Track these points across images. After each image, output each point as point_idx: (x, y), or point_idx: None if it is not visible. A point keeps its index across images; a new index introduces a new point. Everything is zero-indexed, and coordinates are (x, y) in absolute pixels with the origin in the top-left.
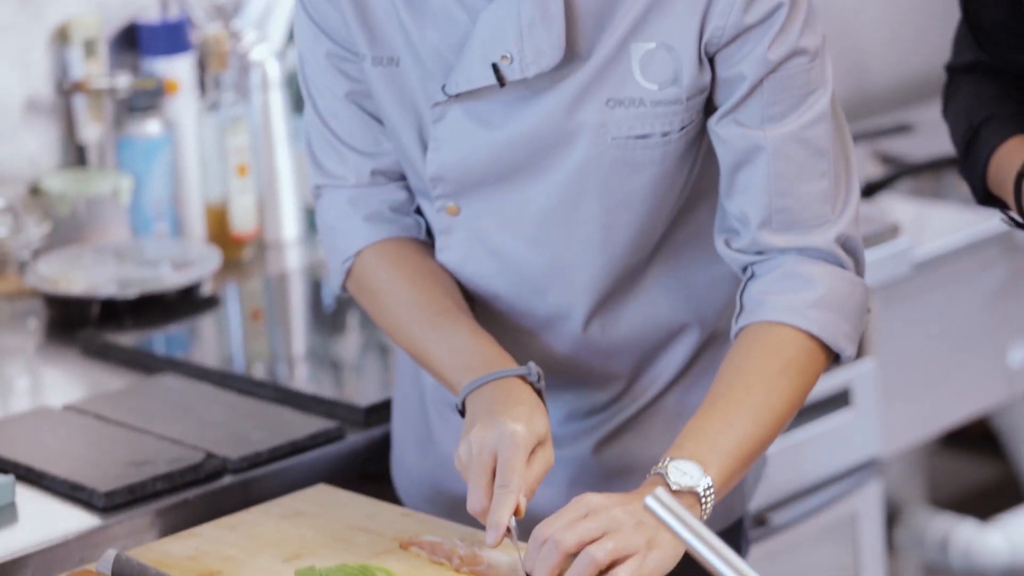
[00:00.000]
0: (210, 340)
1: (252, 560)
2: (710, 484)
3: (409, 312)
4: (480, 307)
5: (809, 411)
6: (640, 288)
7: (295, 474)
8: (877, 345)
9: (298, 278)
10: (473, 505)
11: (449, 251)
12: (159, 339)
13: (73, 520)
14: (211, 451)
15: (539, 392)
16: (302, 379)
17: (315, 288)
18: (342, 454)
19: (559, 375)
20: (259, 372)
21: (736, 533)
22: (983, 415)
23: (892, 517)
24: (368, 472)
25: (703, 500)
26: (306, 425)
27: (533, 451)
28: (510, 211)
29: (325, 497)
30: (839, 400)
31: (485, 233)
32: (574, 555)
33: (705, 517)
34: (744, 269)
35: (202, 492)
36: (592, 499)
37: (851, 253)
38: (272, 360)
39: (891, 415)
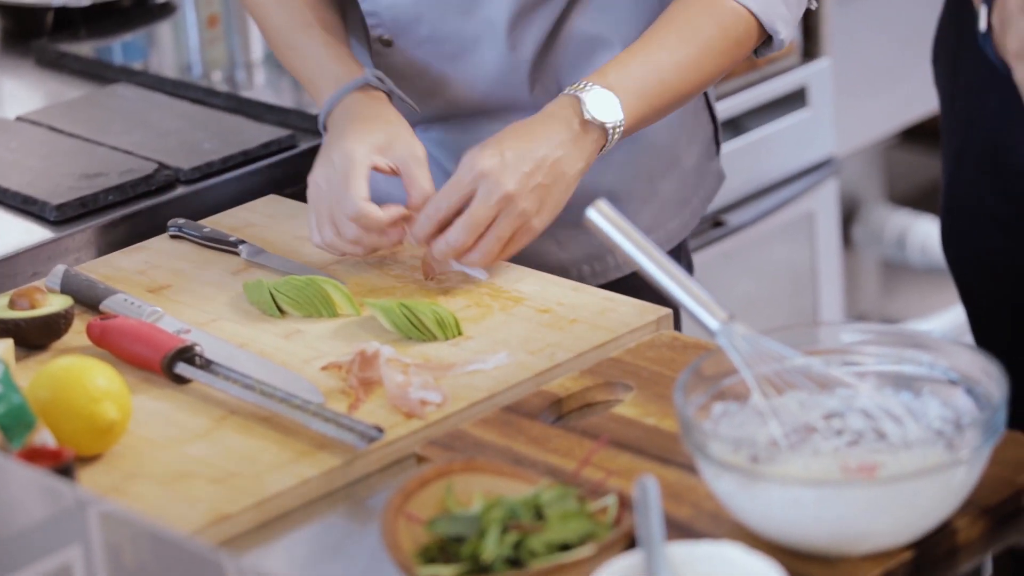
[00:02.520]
0: (166, 48)
1: (201, 273)
2: (621, 122)
3: (276, 30)
4: (408, 34)
5: (764, 111)
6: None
7: (247, 184)
8: (832, 43)
9: None
10: (323, 234)
11: None
12: (114, 48)
13: (25, 233)
14: (163, 162)
15: (388, 93)
16: (259, 87)
17: None
18: (294, 163)
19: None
20: (216, 80)
21: (676, 256)
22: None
23: (849, 214)
24: None
25: (609, 136)
26: (259, 134)
27: (394, 152)
28: None
29: (275, 208)
30: (795, 99)
31: None
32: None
33: (600, 152)
34: None
35: (154, 203)
36: (483, 164)
37: None
38: (229, 68)
39: (847, 113)
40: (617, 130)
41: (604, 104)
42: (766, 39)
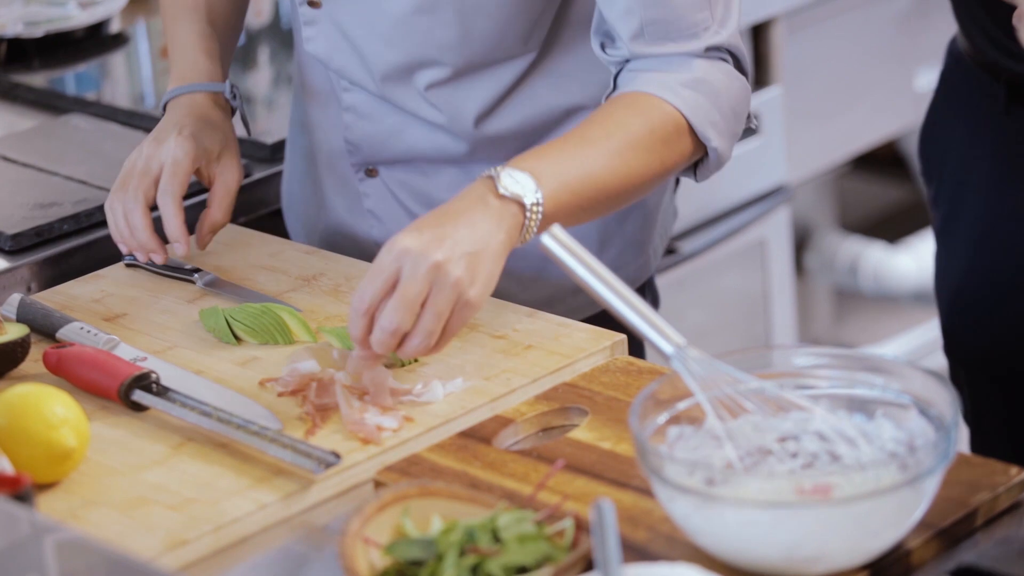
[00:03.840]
0: (119, 79)
1: (156, 301)
2: (540, 201)
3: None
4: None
5: None
6: (521, 79)
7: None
8: (783, 71)
9: None
10: (129, 200)
11: (314, 42)
12: (67, 79)
13: None
14: None
15: (235, 109)
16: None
17: None
18: (248, 191)
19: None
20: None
21: (642, 292)
22: (891, 138)
23: (801, 241)
24: (276, 210)
25: (528, 214)
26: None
27: (214, 172)
28: (367, 10)
29: (229, 236)
30: (746, 128)
31: (346, 28)
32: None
33: (524, 236)
34: (619, 74)
35: (108, 233)
36: (403, 243)
37: (736, 58)
38: None
39: (799, 141)
40: (536, 209)
41: (518, 182)
42: (703, 155)
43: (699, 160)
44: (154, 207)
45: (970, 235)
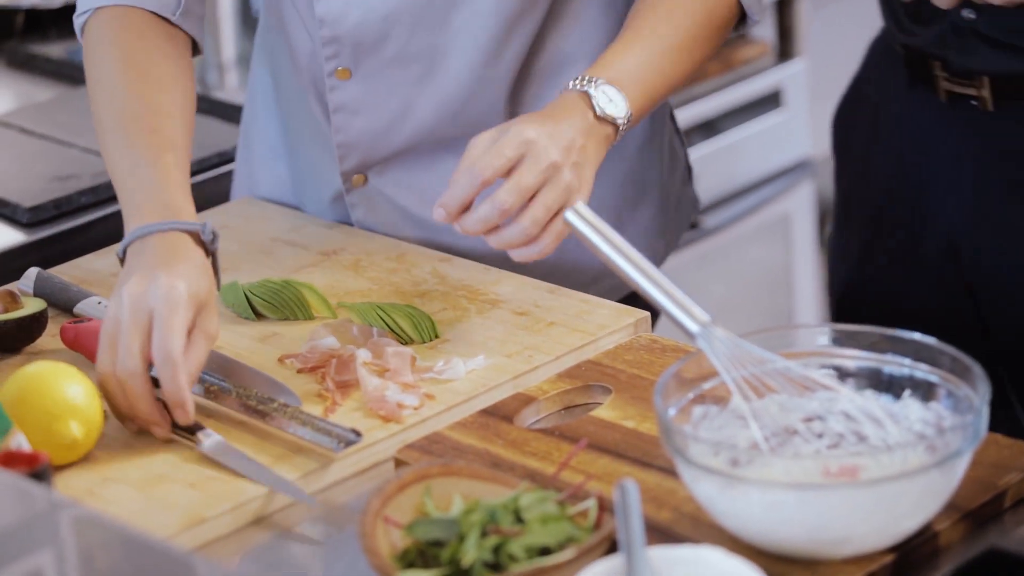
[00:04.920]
0: None
1: None
2: (630, 118)
3: (114, 114)
4: (371, 58)
5: (739, 112)
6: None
7: (222, 186)
8: (807, 45)
9: None
10: (126, 366)
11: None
12: None
13: None
14: None
15: (212, 254)
16: (231, 88)
17: None
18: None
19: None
20: None
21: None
22: None
23: (825, 216)
24: None
25: (620, 132)
26: (233, 136)
27: (195, 322)
28: None
29: (250, 210)
30: (770, 102)
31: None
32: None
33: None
34: None
35: None
36: (529, 133)
37: None
38: (201, 69)
39: (823, 115)
40: (625, 125)
41: (612, 100)
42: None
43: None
44: None
45: (866, 216)
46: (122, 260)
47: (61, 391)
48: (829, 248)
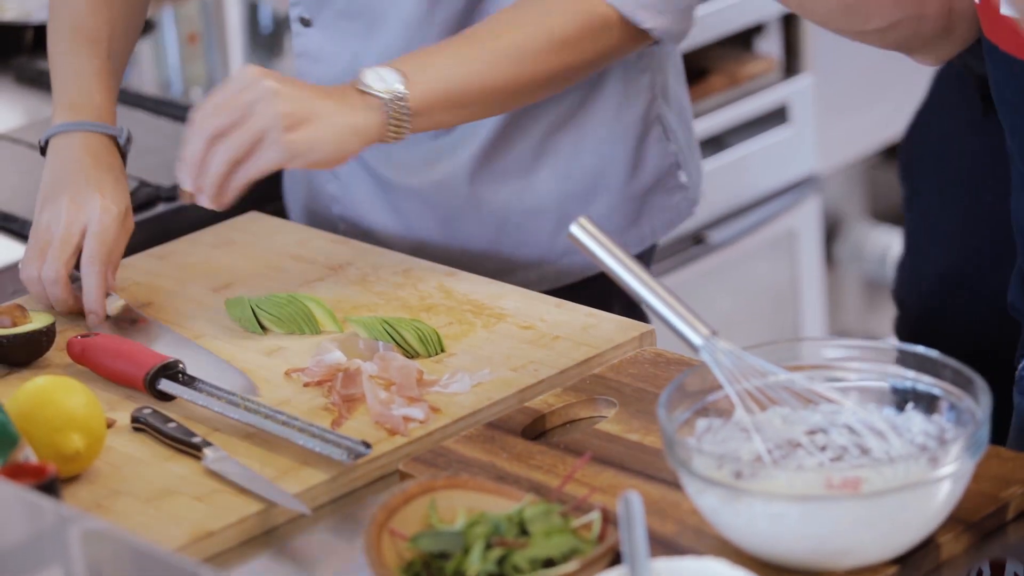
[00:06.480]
0: (147, 65)
1: (183, 291)
2: (402, 95)
3: (67, 24)
4: (324, 10)
5: (746, 128)
6: None
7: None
8: (814, 60)
9: None
10: (50, 274)
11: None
12: None
13: (5, 251)
14: (144, 179)
15: (124, 155)
16: None
17: (252, 10)
18: (275, 180)
19: None
20: (196, 97)
21: (643, 261)
22: None
23: (831, 232)
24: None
25: (387, 108)
26: None
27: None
28: None
29: (257, 225)
30: (776, 117)
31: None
32: None
33: (391, 132)
34: None
35: (135, 221)
36: (255, 69)
37: None
38: (209, 84)
39: (829, 130)
40: (398, 104)
41: (382, 78)
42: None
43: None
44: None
45: (943, 239)
46: (43, 149)
47: (63, 403)
48: (899, 273)
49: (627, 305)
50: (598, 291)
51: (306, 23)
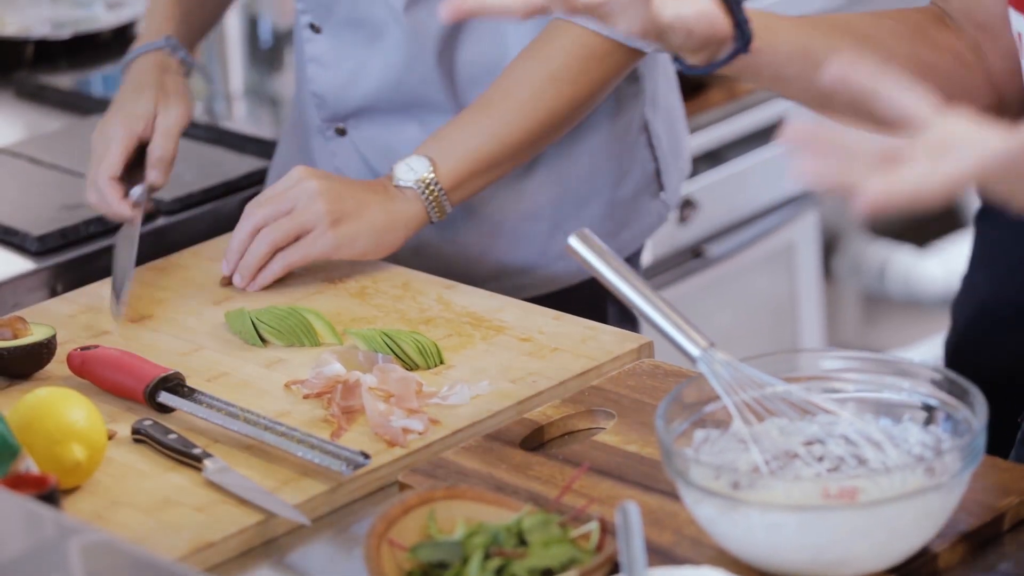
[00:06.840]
0: None
1: (183, 303)
2: (433, 181)
3: None
4: (330, 18)
5: (744, 142)
6: None
7: (227, 215)
8: None
9: (234, 13)
10: (113, 131)
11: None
12: (94, 80)
13: (6, 264)
14: None
15: (187, 63)
16: (239, 118)
17: (251, 24)
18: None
19: None
20: (196, 112)
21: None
22: None
23: (829, 246)
24: None
25: (424, 195)
26: (239, 165)
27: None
28: None
29: None
30: (774, 131)
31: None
32: None
33: (435, 213)
34: None
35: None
36: (302, 171)
37: None
38: (209, 99)
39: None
40: (432, 189)
41: (412, 168)
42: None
43: None
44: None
45: (1008, 257)
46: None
47: (64, 415)
48: (962, 289)
49: (621, 310)
50: (591, 295)
51: (316, 29)
